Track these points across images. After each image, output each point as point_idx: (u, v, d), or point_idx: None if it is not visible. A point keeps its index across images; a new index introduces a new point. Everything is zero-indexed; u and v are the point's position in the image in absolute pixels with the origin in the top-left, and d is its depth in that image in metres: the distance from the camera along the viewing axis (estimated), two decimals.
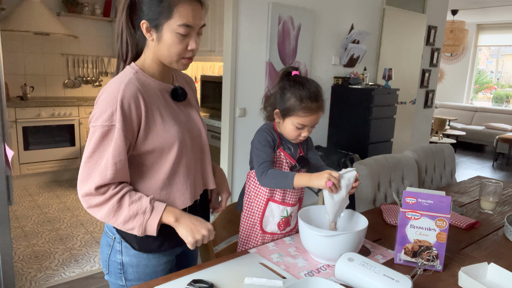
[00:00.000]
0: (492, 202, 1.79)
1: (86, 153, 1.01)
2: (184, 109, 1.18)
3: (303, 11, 3.37)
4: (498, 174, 5.95)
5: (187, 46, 1.05)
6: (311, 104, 1.27)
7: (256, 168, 1.31)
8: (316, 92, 1.29)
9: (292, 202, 1.39)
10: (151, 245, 1.13)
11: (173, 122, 1.09)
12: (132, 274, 1.15)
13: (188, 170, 1.14)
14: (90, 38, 4.79)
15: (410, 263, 1.23)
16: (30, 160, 4.12)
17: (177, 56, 1.06)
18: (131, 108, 1.00)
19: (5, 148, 2.01)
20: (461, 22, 7.38)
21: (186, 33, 1.03)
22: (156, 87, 1.10)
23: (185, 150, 1.12)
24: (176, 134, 1.08)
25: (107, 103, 0.99)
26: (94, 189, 0.99)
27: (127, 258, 1.14)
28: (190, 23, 1.02)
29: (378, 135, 3.68)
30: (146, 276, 1.16)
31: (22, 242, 2.93)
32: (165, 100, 1.11)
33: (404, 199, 1.21)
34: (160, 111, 1.07)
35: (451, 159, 2.71)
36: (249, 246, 1.42)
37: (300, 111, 1.27)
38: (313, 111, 1.28)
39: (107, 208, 1.00)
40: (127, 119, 1.00)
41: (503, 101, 8.40)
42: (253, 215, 1.40)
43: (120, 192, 1.01)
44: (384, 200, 2.15)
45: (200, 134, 1.21)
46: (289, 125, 1.31)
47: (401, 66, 4.38)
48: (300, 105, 1.27)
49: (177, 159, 1.10)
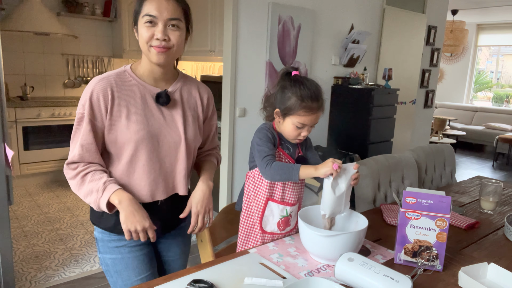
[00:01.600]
0: (492, 202, 1.79)
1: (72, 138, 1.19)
2: (167, 113, 1.24)
3: (303, 11, 3.37)
4: (498, 174, 5.96)
5: (153, 35, 1.14)
6: (312, 104, 1.28)
7: (259, 162, 1.31)
8: (316, 92, 1.30)
9: (291, 201, 1.39)
10: (107, 223, 1.24)
11: (138, 122, 1.18)
12: (102, 248, 1.28)
13: (148, 169, 1.21)
14: (90, 38, 4.79)
15: (410, 263, 1.23)
16: (30, 160, 4.12)
17: (146, 45, 1.15)
18: (100, 100, 1.14)
19: (5, 148, 2.01)
20: (461, 22, 7.38)
21: (150, 21, 1.12)
22: (137, 88, 1.20)
23: (144, 149, 1.19)
24: (136, 133, 1.17)
25: (83, 94, 1.16)
26: (66, 164, 1.18)
27: (97, 234, 1.29)
28: (152, 13, 1.12)
29: (378, 135, 3.68)
30: (111, 250, 1.26)
31: (22, 242, 2.93)
32: (143, 101, 1.20)
33: (404, 199, 1.21)
34: (129, 109, 1.17)
35: (451, 159, 2.71)
36: (248, 246, 1.42)
37: (300, 110, 1.28)
38: (314, 111, 1.29)
39: (75, 182, 1.16)
40: (95, 109, 1.15)
41: (503, 101, 8.40)
42: (253, 215, 1.40)
43: (85, 170, 1.15)
44: (384, 200, 2.15)
45: (176, 140, 1.24)
46: (289, 124, 1.32)
47: (401, 66, 4.38)
48: (300, 104, 1.27)
49: (133, 156, 1.19)
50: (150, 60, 1.18)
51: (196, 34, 3.90)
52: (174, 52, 1.17)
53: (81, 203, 3.75)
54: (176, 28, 1.15)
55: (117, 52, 4.81)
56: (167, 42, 1.14)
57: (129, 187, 1.21)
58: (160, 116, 1.22)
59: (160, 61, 1.16)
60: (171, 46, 1.15)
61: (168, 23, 1.13)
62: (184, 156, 1.26)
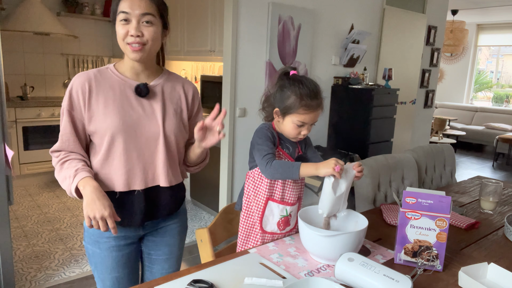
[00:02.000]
0: (492, 202, 1.79)
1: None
2: (147, 105, 1.27)
3: (303, 11, 3.37)
4: (498, 174, 5.96)
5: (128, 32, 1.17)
6: (311, 102, 1.28)
7: (259, 161, 1.31)
8: (315, 90, 1.30)
9: (291, 201, 1.39)
10: None
11: (114, 112, 1.22)
12: (86, 237, 1.33)
13: (125, 158, 1.24)
14: (90, 38, 4.79)
15: (410, 263, 1.23)
16: (30, 160, 4.12)
17: (123, 42, 1.19)
18: (78, 93, 1.22)
19: (5, 148, 2.01)
20: (461, 22, 7.38)
21: (124, 19, 1.16)
22: (116, 82, 1.25)
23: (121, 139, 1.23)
24: (112, 123, 1.21)
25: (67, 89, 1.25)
26: (50, 152, 1.27)
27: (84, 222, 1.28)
28: (126, 10, 1.16)
29: (378, 135, 3.68)
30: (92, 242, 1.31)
31: (22, 242, 2.93)
32: (122, 94, 1.25)
33: (404, 199, 1.21)
34: (106, 100, 1.23)
35: (451, 159, 2.71)
36: (248, 246, 1.42)
37: (300, 109, 1.28)
38: (313, 109, 1.30)
39: (56, 169, 1.24)
40: (74, 101, 1.23)
41: (503, 101, 8.40)
42: (253, 214, 1.40)
43: (64, 158, 1.23)
44: (384, 200, 2.15)
45: (155, 131, 1.26)
46: (289, 123, 1.32)
47: (401, 66, 4.38)
48: (300, 102, 1.28)
49: (111, 145, 1.23)
50: (128, 57, 1.23)
51: (196, 34, 3.90)
52: (149, 48, 1.20)
53: (81, 203, 3.75)
54: (149, 24, 1.18)
55: (117, 52, 4.81)
56: (140, 38, 1.17)
57: (108, 176, 1.26)
58: (139, 107, 1.26)
59: (136, 57, 1.20)
60: (145, 42, 1.18)
61: (141, 19, 1.17)
62: (163, 147, 1.28)
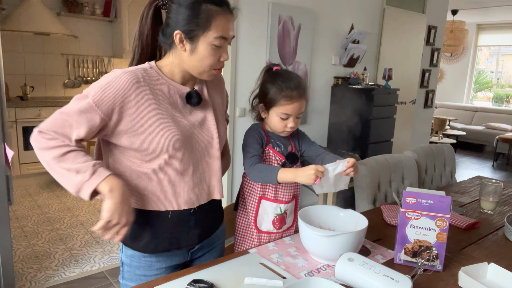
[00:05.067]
0: (492, 202, 1.79)
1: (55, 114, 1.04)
2: (198, 113, 1.14)
3: (303, 11, 3.36)
4: (498, 174, 5.95)
5: (220, 57, 1.07)
6: (292, 92, 1.28)
7: (244, 163, 1.33)
8: (296, 80, 1.30)
9: (285, 199, 1.39)
10: (138, 242, 1.13)
11: (169, 125, 1.05)
12: (127, 273, 1.18)
13: (181, 175, 1.10)
14: (90, 38, 4.79)
15: (410, 263, 1.23)
16: (30, 160, 4.12)
17: (209, 67, 1.07)
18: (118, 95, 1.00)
19: (5, 148, 2.01)
20: (461, 22, 7.38)
21: (221, 45, 1.04)
22: (166, 87, 1.08)
23: (179, 154, 1.08)
24: (171, 138, 1.05)
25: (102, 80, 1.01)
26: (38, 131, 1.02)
27: (124, 258, 1.18)
28: (225, 35, 1.04)
29: (378, 135, 3.68)
30: (137, 278, 1.16)
31: (22, 242, 2.93)
32: (171, 101, 1.08)
33: (404, 199, 1.21)
34: (158, 110, 1.05)
35: (451, 159, 2.71)
36: (245, 246, 1.42)
37: (281, 100, 1.28)
38: (295, 99, 1.29)
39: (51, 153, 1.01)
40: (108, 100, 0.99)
41: (503, 101, 8.40)
42: (247, 214, 1.40)
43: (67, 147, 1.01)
44: (384, 200, 2.15)
45: (209, 140, 1.15)
46: (273, 116, 1.32)
47: (401, 66, 4.38)
48: (280, 93, 1.28)
49: (166, 161, 1.07)
50: (198, 77, 1.10)
51: None
52: None
53: (81, 203, 3.75)
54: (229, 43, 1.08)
55: (117, 52, 4.81)
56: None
57: (155, 193, 1.09)
58: (190, 117, 1.12)
59: (213, 79, 1.12)
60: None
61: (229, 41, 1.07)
62: (217, 157, 1.17)
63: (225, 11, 1.04)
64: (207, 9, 1.01)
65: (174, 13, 1.03)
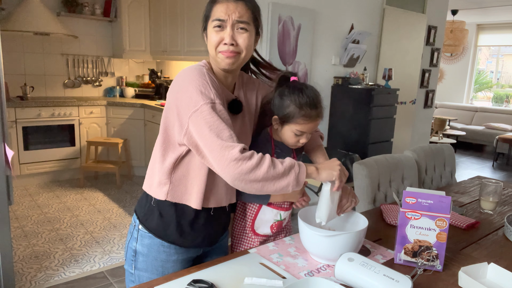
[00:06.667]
0: (492, 202, 1.79)
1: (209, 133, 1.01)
2: (238, 121, 1.20)
3: (303, 11, 3.37)
4: (498, 174, 5.96)
5: (222, 39, 1.11)
6: (311, 111, 1.23)
7: None
8: (316, 99, 1.25)
9: (285, 206, 1.40)
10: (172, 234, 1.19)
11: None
12: (141, 263, 1.20)
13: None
14: (90, 38, 4.79)
15: (410, 263, 1.23)
16: (30, 160, 4.12)
17: (214, 50, 1.12)
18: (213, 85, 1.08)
19: (5, 148, 2.01)
20: (461, 22, 7.38)
21: (219, 25, 1.10)
22: (221, 94, 1.12)
23: None
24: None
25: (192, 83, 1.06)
26: (241, 155, 0.99)
27: (140, 247, 1.20)
28: (221, 17, 1.09)
29: (378, 135, 3.69)
30: (153, 269, 1.19)
31: (22, 242, 2.93)
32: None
33: (404, 199, 1.21)
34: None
35: (451, 159, 2.71)
36: (242, 247, 1.43)
37: (299, 118, 1.24)
38: (313, 118, 1.25)
39: (264, 168, 1.00)
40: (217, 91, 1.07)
41: (503, 101, 8.40)
42: (245, 217, 1.41)
43: (265, 154, 1.04)
44: (384, 200, 2.15)
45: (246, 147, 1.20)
46: (288, 132, 1.28)
47: (401, 66, 4.38)
48: (299, 112, 1.23)
49: None
50: (218, 66, 1.15)
51: (196, 34, 3.90)
52: (243, 57, 1.14)
53: (81, 203, 3.75)
54: (243, 31, 1.10)
55: (117, 52, 4.81)
56: (235, 47, 1.10)
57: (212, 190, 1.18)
58: (234, 123, 1.17)
59: (228, 66, 1.12)
60: (240, 51, 1.12)
61: (236, 25, 1.10)
62: None
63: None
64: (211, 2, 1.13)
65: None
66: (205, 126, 1.01)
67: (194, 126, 1.03)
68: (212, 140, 1.00)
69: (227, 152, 0.99)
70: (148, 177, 1.22)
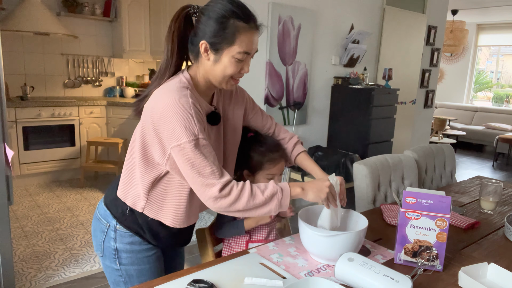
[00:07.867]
0: (492, 202, 1.79)
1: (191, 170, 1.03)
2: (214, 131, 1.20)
3: (303, 11, 3.37)
4: (498, 174, 5.96)
5: (241, 69, 1.11)
6: (273, 155, 1.36)
7: None
8: (274, 143, 1.38)
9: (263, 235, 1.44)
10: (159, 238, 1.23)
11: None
12: (126, 259, 1.22)
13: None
14: (90, 38, 4.79)
15: (410, 263, 1.23)
16: (30, 160, 4.12)
17: (229, 77, 1.11)
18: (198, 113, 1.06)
19: (5, 148, 2.01)
20: (461, 22, 7.38)
21: (243, 59, 1.09)
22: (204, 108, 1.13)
23: None
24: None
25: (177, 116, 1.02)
26: (219, 193, 1.03)
27: (121, 245, 1.21)
28: (249, 50, 1.08)
29: (378, 135, 3.68)
30: (139, 261, 1.23)
31: (22, 242, 2.93)
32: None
33: (404, 199, 1.21)
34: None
35: (451, 159, 2.71)
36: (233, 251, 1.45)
37: (265, 164, 1.35)
38: (277, 161, 1.37)
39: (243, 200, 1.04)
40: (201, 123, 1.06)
41: (503, 101, 8.40)
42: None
43: (244, 185, 1.06)
44: (384, 200, 2.15)
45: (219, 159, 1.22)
46: (260, 179, 1.38)
47: (401, 66, 4.38)
48: (263, 158, 1.35)
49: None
50: (219, 87, 1.14)
51: None
52: None
53: (81, 203, 3.75)
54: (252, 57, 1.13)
55: (117, 52, 4.81)
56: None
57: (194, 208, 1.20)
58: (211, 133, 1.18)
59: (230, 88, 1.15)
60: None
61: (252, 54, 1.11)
62: None
63: (252, 27, 1.09)
64: (235, 24, 1.06)
65: (203, 24, 1.08)
66: (187, 163, 1.03)
67: (177, 158, 1.05)
68: (193, 176, 1.04)
69: (208, 189, 1.03)
70: (123, 185, 1.20)
